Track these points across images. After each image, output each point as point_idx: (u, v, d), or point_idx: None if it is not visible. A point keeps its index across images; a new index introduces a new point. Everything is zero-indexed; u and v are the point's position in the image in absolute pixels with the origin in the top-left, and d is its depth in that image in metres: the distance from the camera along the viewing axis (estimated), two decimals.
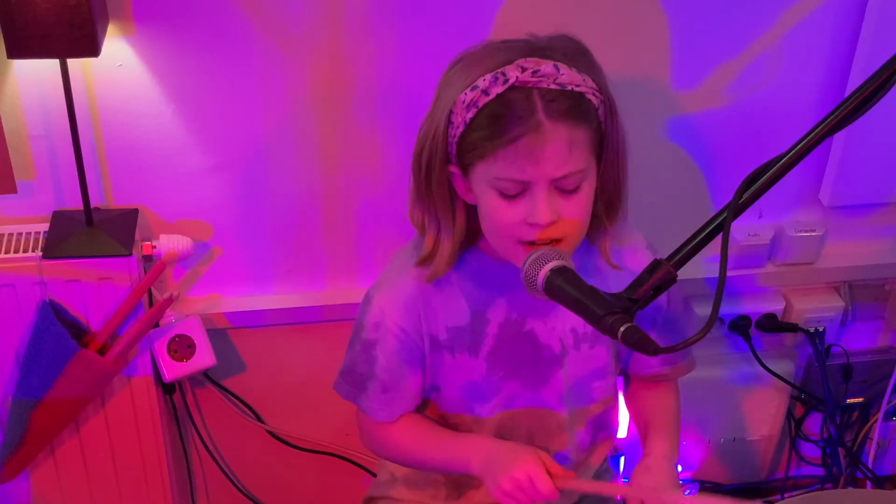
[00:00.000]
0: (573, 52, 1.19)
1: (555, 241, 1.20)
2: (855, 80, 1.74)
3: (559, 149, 1.15)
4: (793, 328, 1.98)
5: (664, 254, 1.17)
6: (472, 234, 1.28)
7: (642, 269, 1.33)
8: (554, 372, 1.37)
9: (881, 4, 1.66)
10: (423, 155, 1.22)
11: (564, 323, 1.35)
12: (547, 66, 1.15)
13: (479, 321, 1.33)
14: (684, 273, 1.17)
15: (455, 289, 1.32)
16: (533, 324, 1.34)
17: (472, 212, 1.26)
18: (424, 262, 1.29)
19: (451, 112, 1.18)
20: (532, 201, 1.17)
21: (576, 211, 1.20)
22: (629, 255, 1.36)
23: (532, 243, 1.20)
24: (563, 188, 1.18)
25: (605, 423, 1.46)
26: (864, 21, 1.70)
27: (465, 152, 1.19)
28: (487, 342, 1.34)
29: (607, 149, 1.22)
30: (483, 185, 1.19)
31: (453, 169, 1.22)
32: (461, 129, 1.17)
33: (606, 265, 1.32)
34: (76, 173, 1.57)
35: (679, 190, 1.84)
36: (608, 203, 1.27)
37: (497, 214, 1.20)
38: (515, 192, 1.18)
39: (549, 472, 1.27)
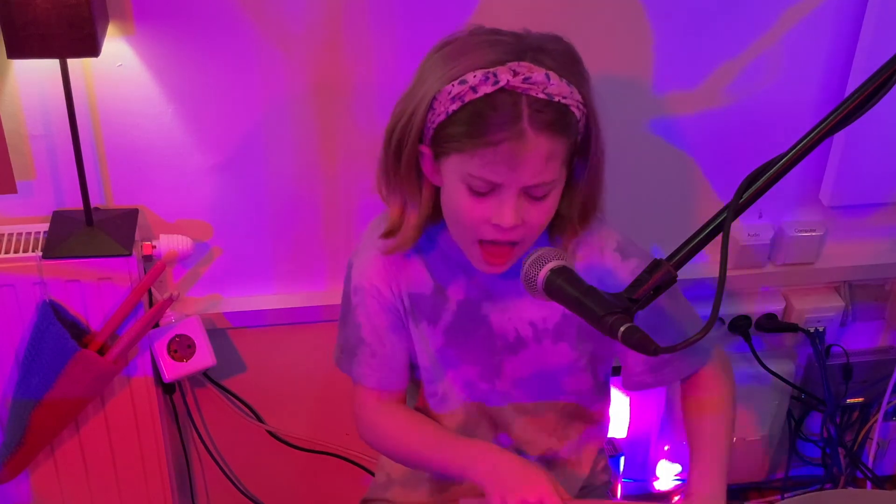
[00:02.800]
0: (565, 59, 1.19)
1: (512, 244, 1.22)
2: (855, 80, 1.74)
3: (537, 159, 1.16)
4: (793, 328, 1.98)
5: (657, 253, 1.17)
6: (437, 213, 1.29)
7: (606, 271, 1.32)
8: (506, 360, 1.37)
9: (881, 4, 1.66)
10: (396, 132, 1.23)
11: (521, 314, 1.35)
12: (539, 74, 1.15)
13: (440, 296, 1.34)
14: (684, 273, 1.17)
15: (420, 261, 1.34)
16: (488, 310, 1.35)
17: (438, 191, 1.27)
18: (389, 234, 1.31)
19: (434, 98, 1.18)
20: (499, 204, 1.19)
21: (539, 217, 1.22)
22: (594, 258, 1.34)
23: (491, 242, 1.22)
24: (532, 195, 1.20)
25: (583, 415, 1.45)
26: (864, 21, 1.70)
27: (441, 141, 1.20)
28: (446, 317, 1.35)
29: (589, 159, 1.23)
30: (454, 176, 1.20)
31: (424, 149, 1.22)
32: (442, 117, 1.18)
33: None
34: (76, 173, 1.57)
35: (678, 190, 1.84)
36: (583, 210, 1.28)
37: (462, 209, 1.21)
38: (485, 191, 1.19)
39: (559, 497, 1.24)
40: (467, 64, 1.17)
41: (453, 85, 1.16)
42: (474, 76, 1.15)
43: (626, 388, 1.43)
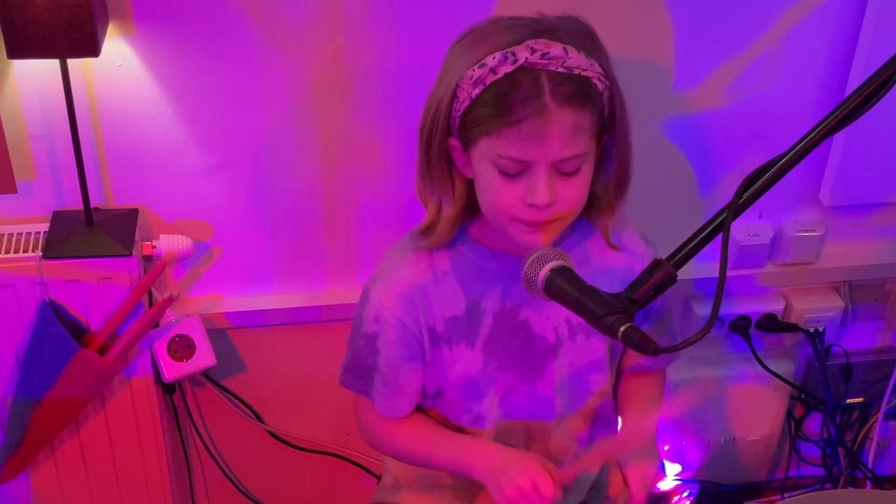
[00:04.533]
0: (581, 35, 1.21)
1: (550, 222, 1.22)
2: (855, 80, 1.74)
3: (563, 132, 1.17)
4: (793, 328, 1.98)
5: (661, 252, 1.17)
6: (472, 209, 1.30)
7: (637, 259, 1.35)
8: (549, 362, 1.38)
9: (881, 4, 1.66)
10: (426, 127, 1.24)
11: (559, 313, 1.35)
12: (556, 49, 1.16)
13: (475, 311, 1.34)
14: (684, 273, 1.17)
15: (451, 279, 1.33)
16: (527, 314, 1.35)
17: (471, 185, 1.27)
18: (427, 231, 1.31)
19: (457, 86, 1.19)
20: (531, 182, 1.19)
21: (573, 193, 1.22)
22: (628, 239, 1.38)
23: (528, 223, 1.22)
24: (562, 171, 1.20)
25: (604, 417, 1.46)
26: (864, 21, 1.70)
27: (468, 127, 1.20)
28: (483, 332, 1.35)
29: (616, 133, 1.24)
30: (484, 161, 1.21)
31: (454, 142, 1.23)
32: (466, 104, 1.19)
33: (598, 256, 1.34)
34: (76, 173, 1.57)
35: (679, 189, 1.84)
36: (617, 184, 1.30)
37: (496, 192, 1.22)
38: (515, 172, 1.19)
39: (551, 476, 1.28)
40: (486, 48, 1.18)
41: (474, 70, 1.17)
42: (493, 58, 1.16)
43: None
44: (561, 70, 1.16)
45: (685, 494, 2.12)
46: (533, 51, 1.16)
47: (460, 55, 1.21)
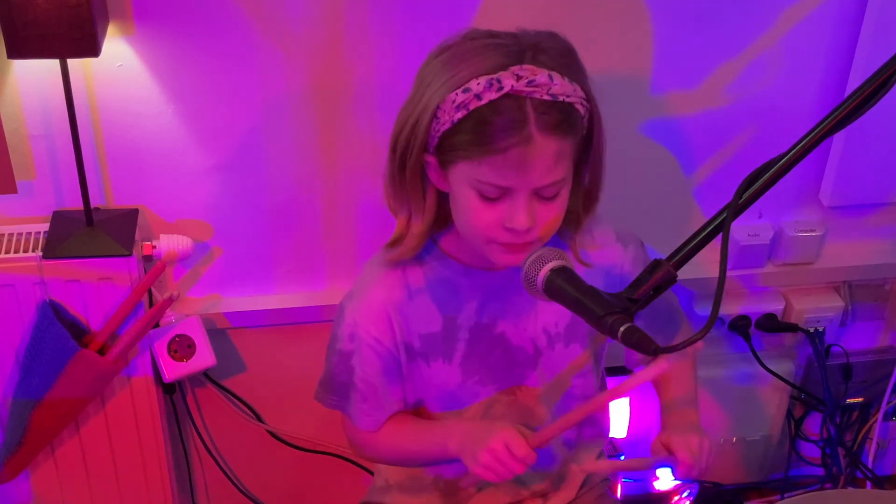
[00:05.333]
0: (563, 56, 1.19)
1: (526, 244, 1.22)
2: (855, 80, 1.74)
3: (546, 160, 1.16)
4: (793, 328, 1.98)
5: (651, 249, 1.17)
6: (441, 220, 1.29)
7: (612, 263, 1.35)
8: (528, 374, 1.38)
9: (881, 4, 1.66)
10: (400, 141, 1.22)
11: (536, 324, 1.35)
12: (542, 76, 1.14)
13: (451, 327, 1.33)
14: (684, 273, 1.17)
15: (425, 296, 1.33)
16: (504, 327, 1.35)
17: (442, 197, 1.26)
18: (394, 244, 1.30)
19: (437, 107, 1.17)
20: (512, 207, 1.18)
21: (551, 216, 1.22)
22: (599, 255, 1.36)
23: (505, 244, 1.22)
24: (543, 195, 1.20)
25: (591, 418, 1.44)
26: (864, 21, 1.70)
27: (448, 149, 1.19)
28: (460, 347, 1.34)
29: (591, 152, 1.23)
30: (463, 183, 1.20)
31: (430, 158, 1.22)
32: (447, 126, 1.17)
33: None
34: (76, 173, 1.58)
35: (678, 190, 1.84)
36: (586, 200, 1.29)
37: (474, 214, 1.21)
38: (496, 196, 1.18)
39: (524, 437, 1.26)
40: (469, 71, 1.16)
41: (457, 94, 1.15)
42: (478, 83, 1.14)
43: (629, 366, 1.49)
44: (546, 98, 1.14)
45: (685, 494, 2.12)
46: (518, 78, 1.14)
47: (439, 73, 1.18)
